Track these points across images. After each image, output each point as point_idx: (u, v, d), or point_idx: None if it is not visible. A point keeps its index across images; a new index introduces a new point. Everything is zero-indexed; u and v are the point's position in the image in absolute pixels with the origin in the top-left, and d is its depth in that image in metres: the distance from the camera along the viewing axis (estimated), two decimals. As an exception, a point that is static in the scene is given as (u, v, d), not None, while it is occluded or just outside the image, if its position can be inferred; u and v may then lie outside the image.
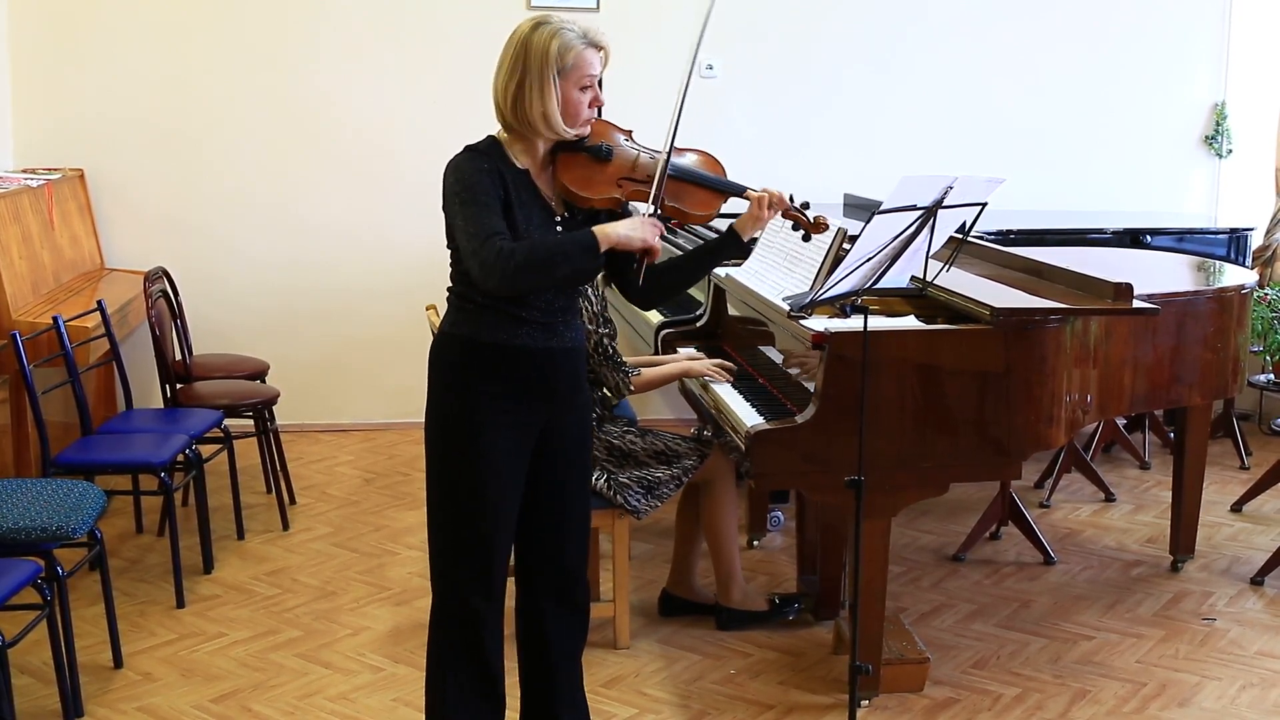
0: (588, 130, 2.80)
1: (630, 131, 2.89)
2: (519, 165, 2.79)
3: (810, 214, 2.98)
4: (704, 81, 6.32)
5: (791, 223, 2.99)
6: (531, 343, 2.80)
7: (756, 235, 2.98)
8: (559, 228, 2.80)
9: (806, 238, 3.02)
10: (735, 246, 2.92)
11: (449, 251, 2.82)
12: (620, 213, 2.86)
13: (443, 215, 2.78)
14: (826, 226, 3.03)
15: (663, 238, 2.81)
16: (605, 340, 3.75)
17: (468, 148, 2.80)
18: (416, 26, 6.18)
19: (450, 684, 2.90)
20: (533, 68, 2.71)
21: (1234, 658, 3.92)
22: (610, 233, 2.72)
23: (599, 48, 2.77)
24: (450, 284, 2.86)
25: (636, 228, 2.74)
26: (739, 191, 2.89)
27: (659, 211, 2.81)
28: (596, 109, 2.80)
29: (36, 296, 4.98)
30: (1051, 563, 4.67)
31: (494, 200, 2.70)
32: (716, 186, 2.87)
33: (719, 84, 6.36)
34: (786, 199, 2.91)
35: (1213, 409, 4.89)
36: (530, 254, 2.66)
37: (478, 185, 2.70)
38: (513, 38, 2.76)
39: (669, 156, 2.80)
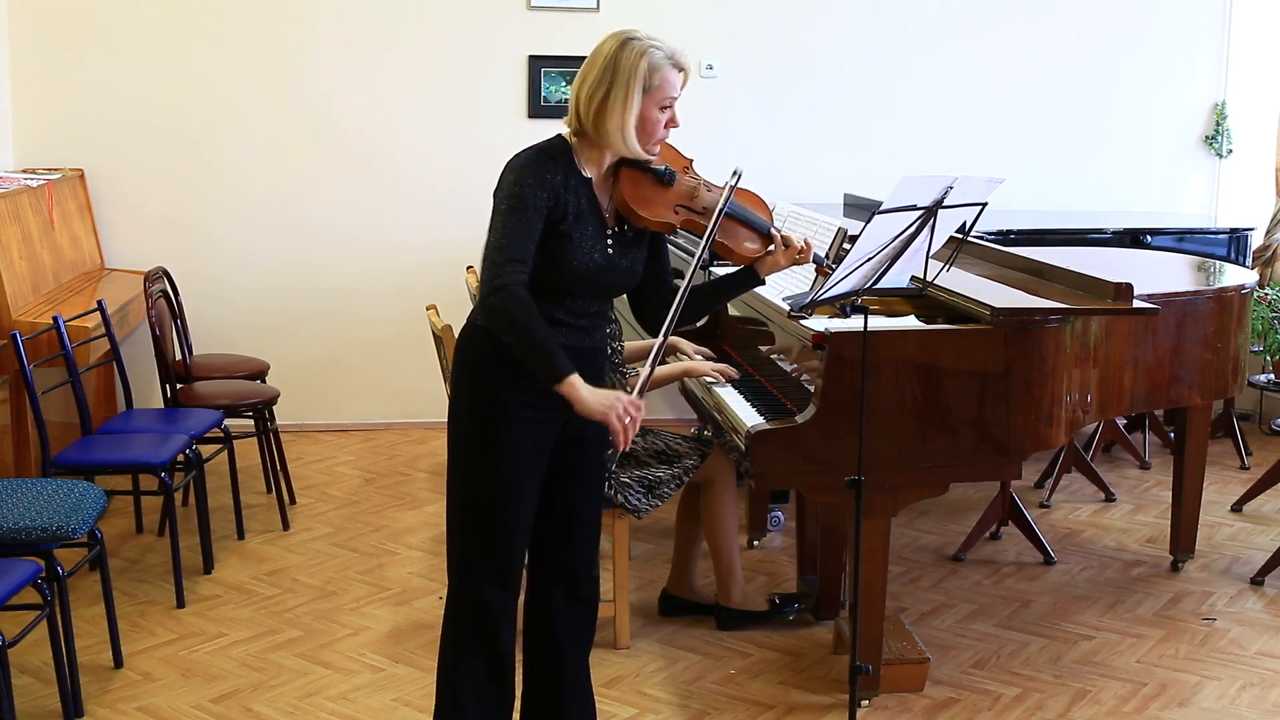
0: (658, 152, 2.84)
1: (691, 161, 2.94)
2: (585, 174, 2.81)
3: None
4: (704, 81, 6.32)
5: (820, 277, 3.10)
6: (565, 340, 2.82)
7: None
8: (609, 241, 2.83)
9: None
10: (753, 281, 3.01)
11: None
12: (665, 236, 2.97)
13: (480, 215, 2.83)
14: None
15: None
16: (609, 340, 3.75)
17: (538, 149, 2.80)
18: (416, 27, 6.18)
19: (463, 673, 2.91)
20: (619, 81, 2.74)
21: (1234, 658, 3.92)
22: (582, 394, 2.69)
23: (682, 69, 2.82)
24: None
25: (607, 403, 2.71)
26: (775, 238, 2.97)
27: (709, 250, 2.85)
28: (670, 130, 2.84)
29: (36, 296, 4.98)
30: (1051, 563, 4.67)
31: (537, 218, 2.71)
32: (762, 231, 2.96)
33: (718, 84, 6.35)
34: (810, 253, 3.00)
35: (1213, 409, 4.89)
36: (523, 318, 2.67)
37: (530, 200, 2.71)
38: (600, 49, 2.79)
39: (728, 198, 2.84)
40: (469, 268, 5.13)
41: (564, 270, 2.77)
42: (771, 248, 2.96)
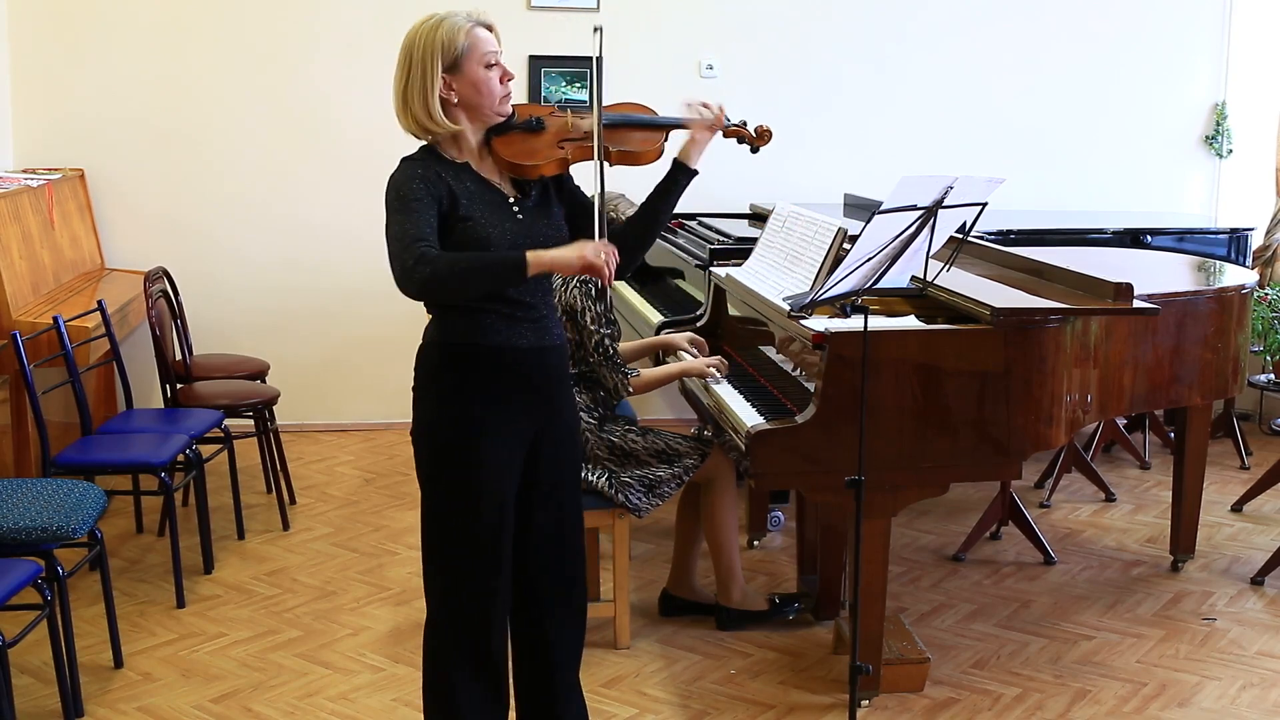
0: (509, 108, 2.80)
1: (552, 108, 2.91)
2: (457, 161, 2.78)
3: (751, 127, 3.01)
4: (704, 81, 6.32)
5: (735, 139, 3.01)
6: (525, 342, 2.79)
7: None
8: (515, 211, 2.79)
9: (754, 150, 3.04)
10: (684, 174, 2.90)
11: None
12: (567, 177, 2.89)
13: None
14: (769, 136, 3.02)
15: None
16: (607, 341, 3.75)
17: (403, 160, 2.78)
18: (416, 26, 6.17)
19: (460, 693, 2.87)
20: (414, 63, 2.73)
21: (1234, 658, 3.92)
22: (544, 256, 2.64)
23: (488, 26, 2.78)
24: None
25: (575, 249, 2.67)
26: (678, 124, 2.91)
27: (606, 162, 2.80)
28: (508, 83, 2.79)
29: (36, 296, 4.98)
30: (1051, 563, 4.67)
31: (427, 206, 2.67)
32: (654, 125, 2.90)
33: (718, 84, 6.35)
34: (723, 117, 2.92)
35: (1213, 409, 4.89)
36: (452, 265, 2.62)
37: (410, 192, 2.68)
38: (401, 44, 2.76)
39: (599, 103, 2.79)
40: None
41: (486, 250, 2.71)
42: (685, 133, 2.90)
